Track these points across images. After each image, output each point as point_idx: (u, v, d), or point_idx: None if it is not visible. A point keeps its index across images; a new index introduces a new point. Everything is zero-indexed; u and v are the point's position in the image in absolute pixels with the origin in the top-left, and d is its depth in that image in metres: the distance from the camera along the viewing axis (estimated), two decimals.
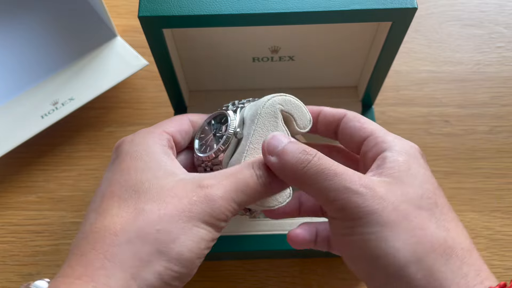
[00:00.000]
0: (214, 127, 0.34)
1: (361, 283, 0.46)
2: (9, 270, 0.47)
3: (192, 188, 0.27)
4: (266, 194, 0.29)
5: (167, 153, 0.30)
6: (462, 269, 0.24)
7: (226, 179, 0.27)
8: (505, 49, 0.57)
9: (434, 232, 0.25)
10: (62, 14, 0.56)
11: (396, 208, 0.25)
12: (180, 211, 0.25)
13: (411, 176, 0.27)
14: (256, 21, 0.34)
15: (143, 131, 0.31)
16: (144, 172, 0.27)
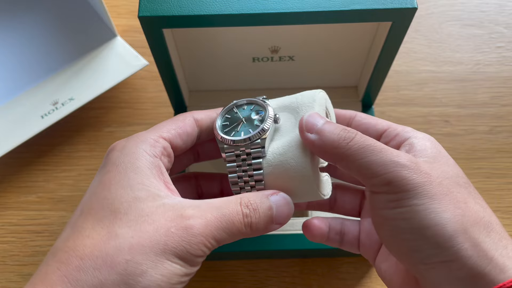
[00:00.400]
0: (240, 114, 0.32)
1: (361, 283, 0.46)
2: (9, 270, 0.47)
3: (172, 217, 0.25)
4: (247, 235, 0.27)
5: (157, 167, 0.27)
6: (502, 241, 0.25)
7: (211, 213, 0.26)
8: (505, 49, 0.57)
9: (475, 207, 0.26)
10: (62, 14, 0.56)
11: (440, 182, 0.26)
12: (154, 243, 0.24)
13: (444, 157, 0.28)
14: (256, 21, 0.34)
15: (137, 137, 0.29)
16: (125, 190, 0.26)
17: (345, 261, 0.47)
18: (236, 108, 0.32)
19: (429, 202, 0.25)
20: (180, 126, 0.30)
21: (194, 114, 0.32)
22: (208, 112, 0.32)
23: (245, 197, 0.27)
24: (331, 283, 0.46)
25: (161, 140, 0.29)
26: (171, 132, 0.30)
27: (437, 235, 0.24)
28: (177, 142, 0.30)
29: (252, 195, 0.28)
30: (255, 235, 0.28)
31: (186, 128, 0.30)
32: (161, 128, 0.30)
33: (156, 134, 0.29)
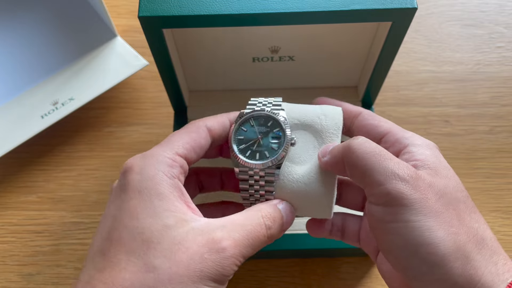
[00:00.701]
0: (257, 129, 0.31)
1: (361, 283, 0.46)
2: (9, 270, 0.47)
3: (203, 242, 0.25)
4: (268, 243, 0.29)
5: (177, 188, 0.28)
6: (492, 257, 0.25)
7: (238, 232, 0.27)
8: (505, 49, 0.57)
9: (469, 223, 0.26)
10: (62, 14, 0.56)
11: (438, 199, 0.26)
12: (191, 271, 0.25)
13: (444, 168, 0.28)
14: (256, 21, 0.34)
15: (153, 157, 0.28)
16: (154, 219, 0.26)
17: (345, 261, 0.47)
18: (252, 120, 0.32)
19: (425, 219, 0.25)
20: (195, 139, 0.30)
21: (207, 123, 0.31)
22: (220, 119, 0.32)
23: (264, 210, 0.29)
24: (331, 283, 0.46)
25: (178, 159, 0.29)
26: (186, 147, 0.30)
27: (430, 254, 0.25)
28: (192, 157, 0.30)
29: (267, 207, 0.29)
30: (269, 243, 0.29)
31: (200, 141, 0.30)
32: (176, 143, 0.29)
33: (172, 152, 0.29)
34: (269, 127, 0.31)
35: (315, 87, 0.49)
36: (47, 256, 0.48)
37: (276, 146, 0.31)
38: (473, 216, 0.27)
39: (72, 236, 0.48)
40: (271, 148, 0.31)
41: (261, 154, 0.31)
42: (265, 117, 0.32)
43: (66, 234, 0.49)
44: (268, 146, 0.31)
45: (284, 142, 0.31)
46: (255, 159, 0.31)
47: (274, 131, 0.31)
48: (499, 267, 0.25)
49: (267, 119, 0.32)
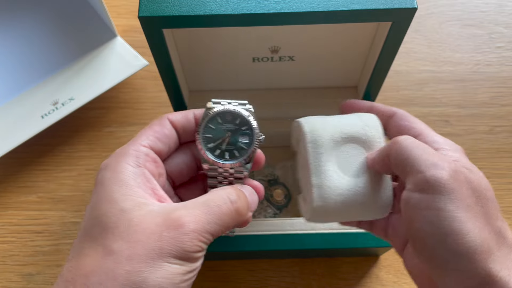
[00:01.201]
0: (225, 127, 0.31)
1: (361, 283, 0.46)
2: (9, 270, 0.47)
3: (162, 222, 0.26)
4: (236, 222, 0.29)
5: (141, 175, 0.28)
6: (510, 254, 0.27)
7: (198, 209, 0.27)
8: (505, 49, 0.57)
9: (495, 221, 0.28)
10: (62, 14, 0.56)
11: (472, 193, 0.27)
12: (149, 250, 0.25)
13: (474, 168, 0.30)
14: (256, 21, 0.34)
15: (119, 152, 0.29)
16: (111, 204, 0.26)
17: (345, 261, 0.47)
18: (219, 117, 0.31)
19: (457, 210, 0.26)
20: (157, 130, 0.31)
21: (169, 116, 0.32)
22: (184, 112, 0.32)
23: (226, 189, 0.29)
24: (331, 283, 0.46)
25: (142, 148, 0.29)
26: (150, 138, 0.30)
27: (458, 244, 0.26)
28: (159, 146, 0.30)
29: (229, 187, 0.30)
30: (241, 222, 0.29)
31: (163, 131, 0.31)
32: (140, 137, 0.30)
33: (136, 144, 0.29)
34: (237, 125, 0.31)
35: (315, 87, 0.49)
36: (47, 256, 0.48)
37: (246, 145, 0.31)
38: (498, 216, 0.28)
39: (72, 236, 0.48)
40: (240, 147, 0.31)
41: (231, 153, 0.31)
42: (233, 114, 0.31)
43: (66, 234, 0.49)
44: (237, 144, 0.31)
45: (254, 140, 0.31)
46: (224, 158, 0.31)
47: (243, 129, 0.31)
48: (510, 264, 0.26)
49: (235, 116, 0.31)
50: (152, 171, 0.29)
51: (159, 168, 0.30)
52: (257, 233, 0.43)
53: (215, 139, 0.31)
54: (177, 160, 0.33)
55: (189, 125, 0.32)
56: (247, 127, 0.31)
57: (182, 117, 0.32)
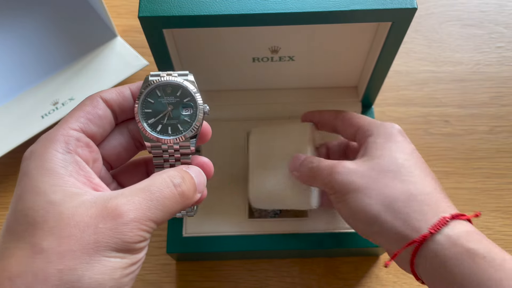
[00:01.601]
0: (165, 100, 0.29)
1: (361, 283, 0.46)
2: None
3: (97, 213, 0.23)
4: (181, 206, 0.27)
5: (73, 163, 0.25)
6: (422, 208, 0.33)
7: (137, 195, 0.24)
8: (505, 49, 0.57)
9: (398, 186, 0.34)
10: (62, 14, 0.56)
11: (364, 175, 0.35)
12: (83, 245, 0.22)
13: (384, 150, 0.36)
14: (256, 21, 0.34)
15: (45, 137, 0.26)
16: (38, 196, 0.23)
17: (344, 261, 0.47)
18: (159, 91, 0.29)
19: (356, 195, 0.34)
20: (89, 110, 0.27)
21: (102, 94, 0.29)
22: (119, 89, 0.29)
23: (169, 172, 0.27)
24: (331, 283, 0.46)
25: (72, 132, 0.26)
26: (81, 120, 0.27)
27: (366, 215, 0.34)
28: (92, 129, 0.27)
29: (173, 170, 0.27)
30: (188, 204, 0.27)
31: (96, 112, 0.28)
32: (69, 120, 0.27)
33: (65, 127, 0.26)
34: (178, 97, 0.29)
35: (315, 87, 0.49)
36: None
37: (189, 118, 0.29)
38: (407, 179, 0.34)
39: None
40: (184, 120, 0.29)
41: (174, 128, 0.29)
42: (172, 85, 0.29)
43: None
44: (180, 118, 0.29)
45: (197, 112, 0.29)
46: (167, 134, 0.29)
47: (185, 101, 0.29)
48: (428, 217, 0.32)
49: (175, 88, 0.29)
50: (85, 157, 0.26)
51: (93, 153, 0.27)
52: (257, 233, 0.43)
53: (155, 114, 0.29)
54: (113, 142, 0.30)
55: (126, 103, 0.29)
56: (189, 98, 0.29)
57: (116, 94, 0.29)
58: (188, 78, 0.29)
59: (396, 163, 0.35)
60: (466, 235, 0.31)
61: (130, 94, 0.29)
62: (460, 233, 0.31)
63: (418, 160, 0.36)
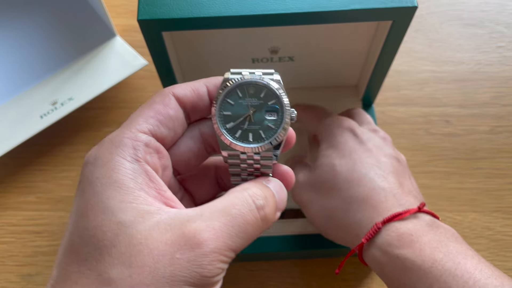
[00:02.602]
0: (247, 102, 0.25)
1: (362, 283, 0.46)
2: (8, 270, 0.47)
3: (173, 239, 0.20)
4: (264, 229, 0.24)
5: (143, 173, 0.22)
6: (356, 216, 0.34)
7: (218, 219, 0.21)
8: (506, 49, 0.57)
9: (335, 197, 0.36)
10: (61, 14, 0.56)
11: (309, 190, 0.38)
12: (158, 278, 0.19)
13: (324, 158, 0.38)
14: (256, 23, 0.34)
15: (110, 140, 0.23)
16: (106, 215, 0.20)
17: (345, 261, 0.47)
18: (240, 91, 0.25)
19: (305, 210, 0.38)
20: (159, 110, 0.24)
21: (175, 91, 0.25)
22: (193, 85, 0.26)
23: (250, 189, 0.24)
24: (331, 283, 0.46)
25: (141, 136, 0.23)
26: (150, 121, 0.24)
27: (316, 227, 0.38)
28: (162, 132, 0.24)
29: (254, 185, 0.24)
30: (266, 229, 0.24)
31: (167, 111, 0.24)
32: (137, 120, 0.24)
33: (132, 130, 0.23)
34: (262, 99, 0.25)
35: (315, 87, 0.49)
36: (47, 256, 0.47)
37: (273, 123, 0.25)
38: (342, 187, 0.35)
39: None
40: (267, 126, 0.25)
41: (255, 134, 0.25)
42: (256, 85, 0.25)
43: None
44: (263, 123, 0.25)
45: (284, 117, 0.25)
46: (248, 141, 0.25)
47: (269, 103, 0.25)
48: (362, 223, 0.33)
49: (258, 89, 0.25)
50: (154, 166, 0.23)
51: (163, 160, 0.24)
52: None
53: (235, 117, 0.25)
54: (183, 147, 0.26)
55: (201, 102, 0.26)
56: (275, 101, 0.25)
57: (191, 91, 0.25)
58: (274, 77, 0.26)
59: (333, 171, 0.36)
60: (397, 240, 0.31)
61: (206, 92, 0.26)
62: (391, 239, 0.31)
63: (359, 159, 0.36)
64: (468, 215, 0.48)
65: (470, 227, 0.48)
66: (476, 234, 0.48)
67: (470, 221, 0.48)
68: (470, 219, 0.48)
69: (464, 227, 0.48)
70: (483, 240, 0.47)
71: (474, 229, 0.48)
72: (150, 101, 0.25)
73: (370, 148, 0.37)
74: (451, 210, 0.49)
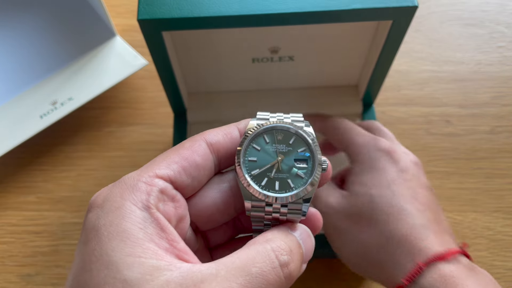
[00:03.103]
0: (275, 148, 0.23)
1: (362, 284, 0.46)
2: (8, 270, 0.47)
3: None
4: (289, 285, 0.21)
5: (154, 222, 0.20)
6: (395, 254, 0.32)
7: (236, 280, 0.19)
8: (506, 49, 0.57)
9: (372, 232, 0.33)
10: (61, 14, 0.56)
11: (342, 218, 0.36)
12: None
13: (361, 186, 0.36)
14: (256, 22, 0.34)
15: (124, 182, 0.21)
16: (109, 271, 0.18)
17: None
18: (267, 135, 0.24)
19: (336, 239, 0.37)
20: (186, 157, 0.22)
21: (207, 137, 0.23)
22: (226, 130, 0.24)
23: (275, 241, 0.21)
24: (331, 284, 0.46)
25: (157, 181, 0.21)
26: (172, 166, 0.22)
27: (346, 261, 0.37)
28: (183, 181, 0.22)
29: (277, 235, 0.22)
30: (290, 285, 0.22)
31: (194, 158, 0.22)
32: (159, 163, 0.22)
33: (150, 174, 0.21)
34: (291, 146, 0.23)
35: (315, 87, 0.49)
36: (46, 256, 0.47)
37: (303, 172, 0.23)
38: (380, 220, 0.33)
39: (72, 236, 0.48)
40: (296, 174, 0.23)
41: (283, 183, 0.23)
42: (285, 131, 0.24)
43: (65, 234, 0.48)
44: (292, 172, 0.23)
45: (315, 166, 0.23)
46: (275, 190, 0.23)
47: (299, 151, 0.23)
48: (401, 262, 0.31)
49: (288, 135, 0.24)
50: (168, 215, 0.21)
51: (180, 210, 0.22)
52: None
53: (261, 164, 0.23)
54: (208, 200, 0.23)
55: (234, 146, 0.24)
56: (304, 148, 0.23)
57: (223, 136, 0.23)
58: (304, 124, 0.24)
59: (370, 203, 0.33)
60: (441, 282, 0.29)
61: (238, 136, 0.24)
62: (434, 281, 0.29)
63: (398, 191, 0.33)
64: (468, 215, 0.48)
65: (470, 227, 0.48)
66: (476, 234, 0.47)
67: (470, 221, 0.48)
68: (470, 219, 0.48)
69: (464, 227, 0.48)
70: (483, 240, 0.47)
71: (474, 229, 0.48)
72: (180, 144, 0.23)
73: (410, 178, 0.34)
74: (451, 210, 0.49)
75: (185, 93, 0.48)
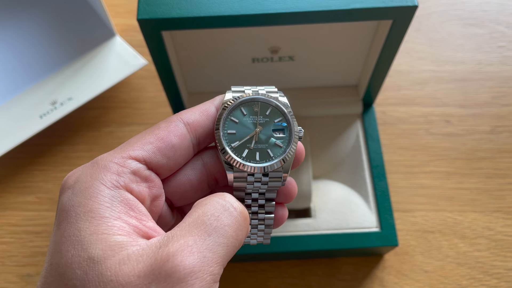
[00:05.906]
0: (253, 120, 0.24)
1: (362, 284, 0.46)
2: (8, 271, 0.47)
3: (146, 269, 0.18)
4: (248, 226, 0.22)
5: (122, 202, 0.20)
6: None
7: (190, 233, 0.19)
8: (507, 49, 0.57)
9: None
10: (61, 14, 0.56)
11: None
12: None
13: None
14: (256, 22, 0.34)
15: (96, 163, 0.21)
16: (75, 250, 0.19)
17: (345, 262, 0.47)
18: (244, 107, 0.24)
19: None
20: (161, 137, 0.22)
21: (183, 116, 0.23)
22: (202, 107, 0.24)
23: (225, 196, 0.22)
24: (331, 284, 0.46)
25: (129, 162, 0.21)
26: (146, 147, 0.22)
27: None
28: (158, 161, 0.22)
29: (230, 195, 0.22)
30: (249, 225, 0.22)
31: (170, 138, 0.22)
32: (133, 145, 0.22)
33: (123, 155, 0.21)
34: (268, 117, 0.24)
35: (315, 87, 0.49)
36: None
37: (281, 142, 0.24)
38: None
39: None
40: (275, 144, 0.24)
41: (263, 153, 0.24)
42: (261, 102, 0.24)
43: None
44: (270, 142, 0.24)
45: (292, 135, 0.24)
46: (256, 161, 0.23)
47: (276, 121, 0.24)
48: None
49: (264, 106, 0.24)
50: (141, 195, 0.21)
51: (154, 190, 0.22)
52: None
53: (240, 136, 0.24)
54: (182, 178, 0.24)
55: (212, 124, 0.24)
56: (281, 118, 0.24)
57: (199, 114, 0.24)
58: (278, 94, 0.25)
59: None
60: None
61: (215, 112, 0.24)
62: None
63: None
64: (469, 215, 0.48)
65: (471, 227, 0.48)
66: (476, 234, 0.47)
67: (471, 221, 0.48)
68: (471, 219, 0.48)
69: (464, 227, 0.48)
70: (483, 240, 0.47)
71: (475, 229, 0.48)
72: (154, 126, 0.23)
73: None
74: (452, 210, 0.48)
75: (185, 92, 0.47)
